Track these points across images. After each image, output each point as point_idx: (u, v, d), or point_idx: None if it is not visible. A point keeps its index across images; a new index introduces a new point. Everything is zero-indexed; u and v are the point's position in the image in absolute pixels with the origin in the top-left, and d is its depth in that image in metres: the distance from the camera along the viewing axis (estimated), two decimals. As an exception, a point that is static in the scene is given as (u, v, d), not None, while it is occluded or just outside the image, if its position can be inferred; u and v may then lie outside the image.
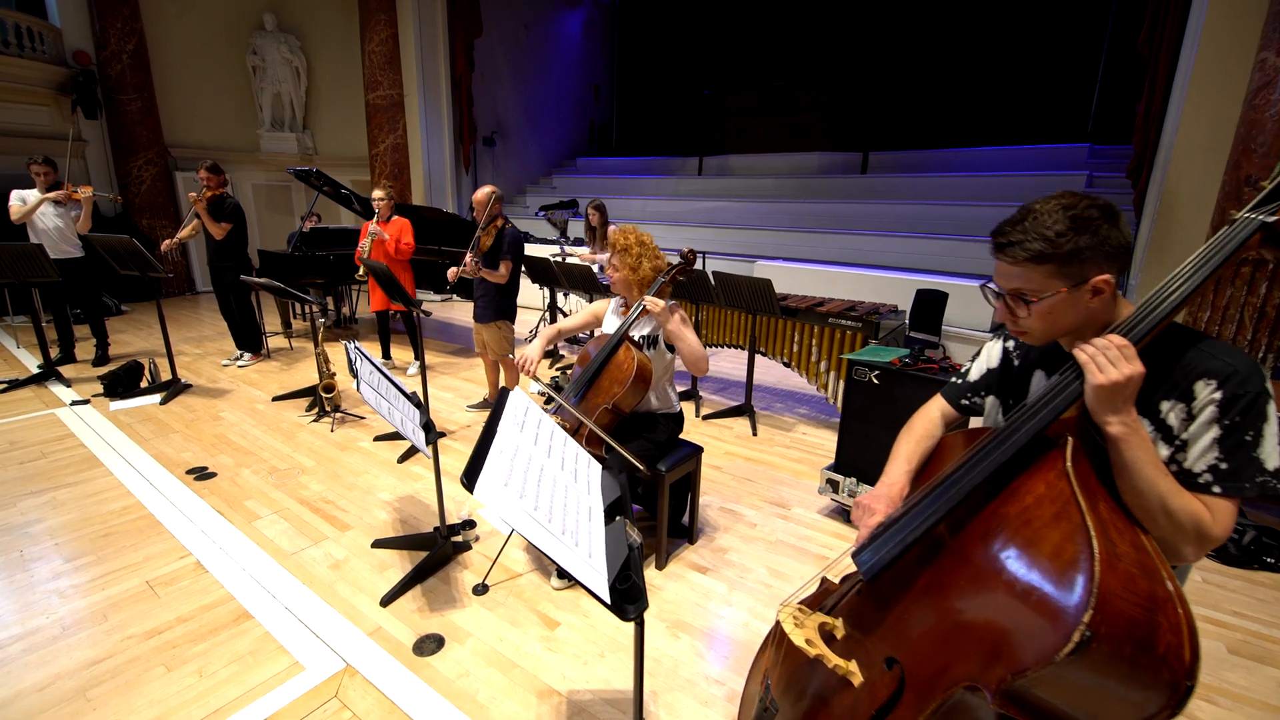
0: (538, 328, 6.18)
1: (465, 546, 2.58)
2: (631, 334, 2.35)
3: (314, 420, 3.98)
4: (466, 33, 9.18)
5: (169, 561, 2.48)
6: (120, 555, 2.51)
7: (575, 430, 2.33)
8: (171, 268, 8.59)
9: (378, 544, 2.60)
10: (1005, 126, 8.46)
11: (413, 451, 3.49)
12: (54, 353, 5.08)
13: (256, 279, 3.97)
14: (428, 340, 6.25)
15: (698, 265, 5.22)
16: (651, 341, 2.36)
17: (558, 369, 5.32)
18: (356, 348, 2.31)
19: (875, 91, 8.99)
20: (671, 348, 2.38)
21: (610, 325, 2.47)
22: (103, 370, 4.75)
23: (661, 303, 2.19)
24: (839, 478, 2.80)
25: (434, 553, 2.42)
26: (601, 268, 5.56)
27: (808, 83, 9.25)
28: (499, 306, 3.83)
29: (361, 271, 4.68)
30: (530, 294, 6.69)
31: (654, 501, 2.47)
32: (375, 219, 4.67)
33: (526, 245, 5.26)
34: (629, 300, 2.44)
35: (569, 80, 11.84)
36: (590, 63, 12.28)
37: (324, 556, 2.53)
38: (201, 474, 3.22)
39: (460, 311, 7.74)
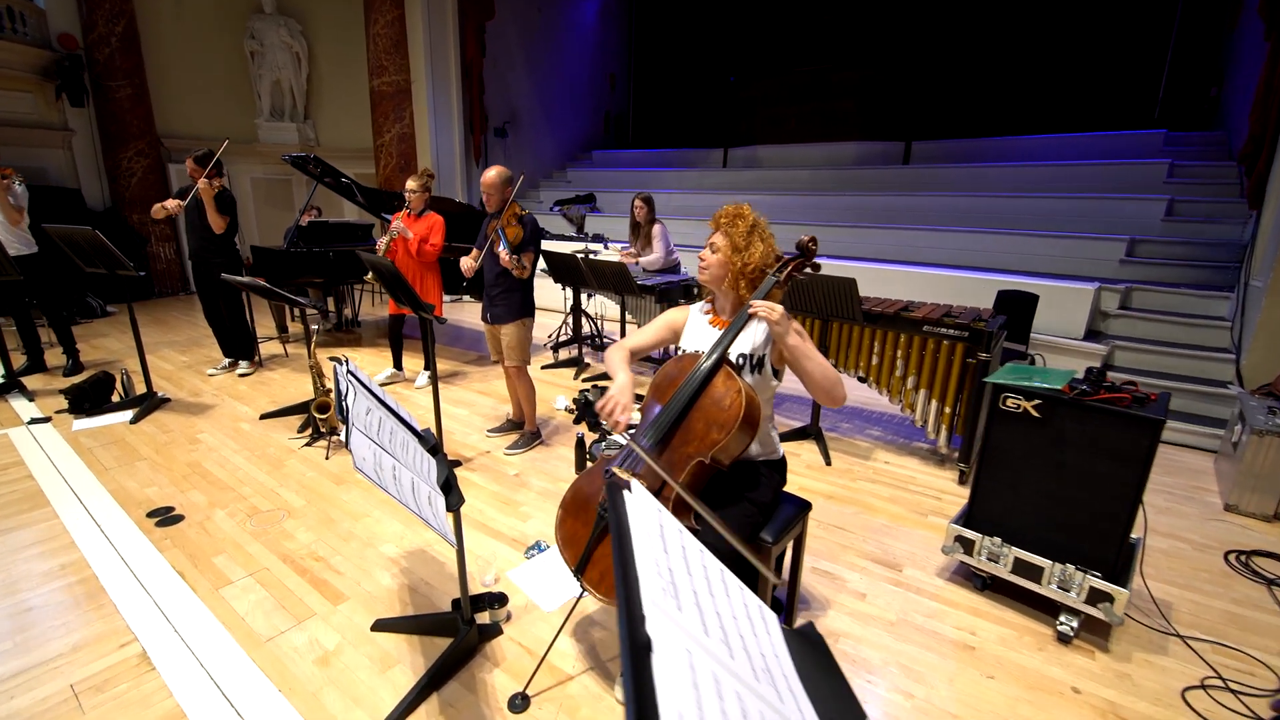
0: (557, 335, 5.57)
1: (495, 631, 1.97)
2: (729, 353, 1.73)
3: (306, 444, 3.39)
4: (478, 14, 8.57)
5: (106, 651, 1.87)
6: (44, 643, 1.91)
7: (657, 493, 1.71)
8: (164, 264, 8.05)
9: (380, 625, 1.99)
10: (1062, 112, 7.78)
11: (423, 487, 2.88)
12: (20, 361, 4.52)
13: (240, 278, 3.38)
14: (435, 346, 5.64)
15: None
16: (755, 364, 1.74)
17: (585, 380, 4.70)
18: (350, 373, 1.68)
19: (917, 76, 8.32)
20: (777, 371, 1.76)
21: (697, 340, 1.85)
22: (73, 381, 4.17)
23: (779, 308, 1.58)
24: (974, 536, 2.17)
25: (455, 645, 1.81)
26: (645, 269, 4.99)
27: (843, 67, 8.59)
28: (522, 303, 3.22)
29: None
30: (550, 295, 6.08)
31: (745, 577, 1.84)
32: (406, 212, 4.08)
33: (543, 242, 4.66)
34: (723, 305, 1.82)
35: (583, 68, 11.22)
36: (605, 50, 11.65)
37: (309, 645, 1.92)
38: (166, 517, 2.62)
39: (469, 314, 7.13)
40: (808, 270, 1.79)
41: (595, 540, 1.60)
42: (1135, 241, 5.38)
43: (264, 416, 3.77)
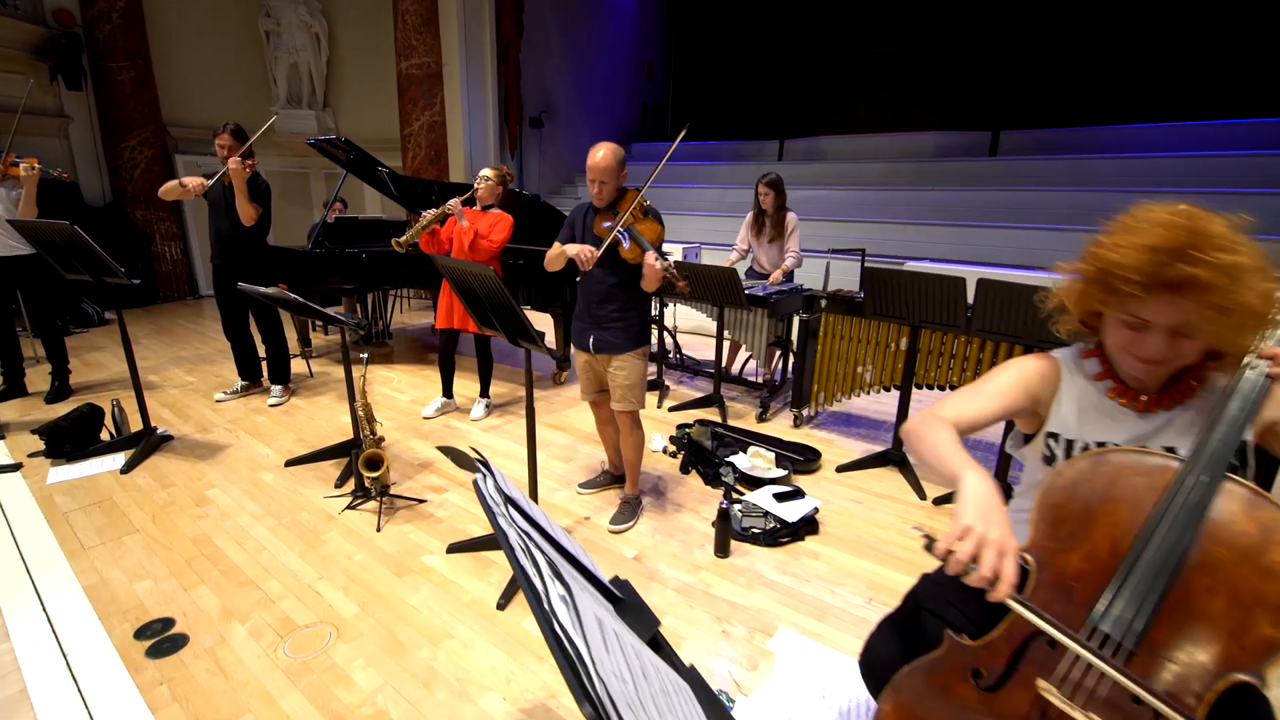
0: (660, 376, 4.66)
1: None
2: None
3: (349, 506, 2.58)
4: (515, -9, 7.79)
5: None
6: None
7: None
8: (170, 265, 7.30)
9: None
10: (1170, 99, 6.92)
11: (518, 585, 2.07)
12: (-7, 385, 3.75)
13: (263, 289, 2.59)
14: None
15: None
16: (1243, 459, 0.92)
17: (672, 409, 3.86)
18: (525, 517, 0.85)
19: (1005, 59, 7.47)
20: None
21: (1085, 421, 1.03)
22: (53, 414, 3.40)
23: None
24: None
25: None
26: (758, 272, 4.10)
27: (920, 49, 7.75)
28: (642, 327, 2.41)
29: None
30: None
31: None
32: (469, 204, 3.31)
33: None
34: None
35: (621, 56, 10.41)
36: (643, 37, 10.85)
37: None
38: (161, 638, 1.82)
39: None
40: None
41: None
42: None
43: (291, 463, 2.97)
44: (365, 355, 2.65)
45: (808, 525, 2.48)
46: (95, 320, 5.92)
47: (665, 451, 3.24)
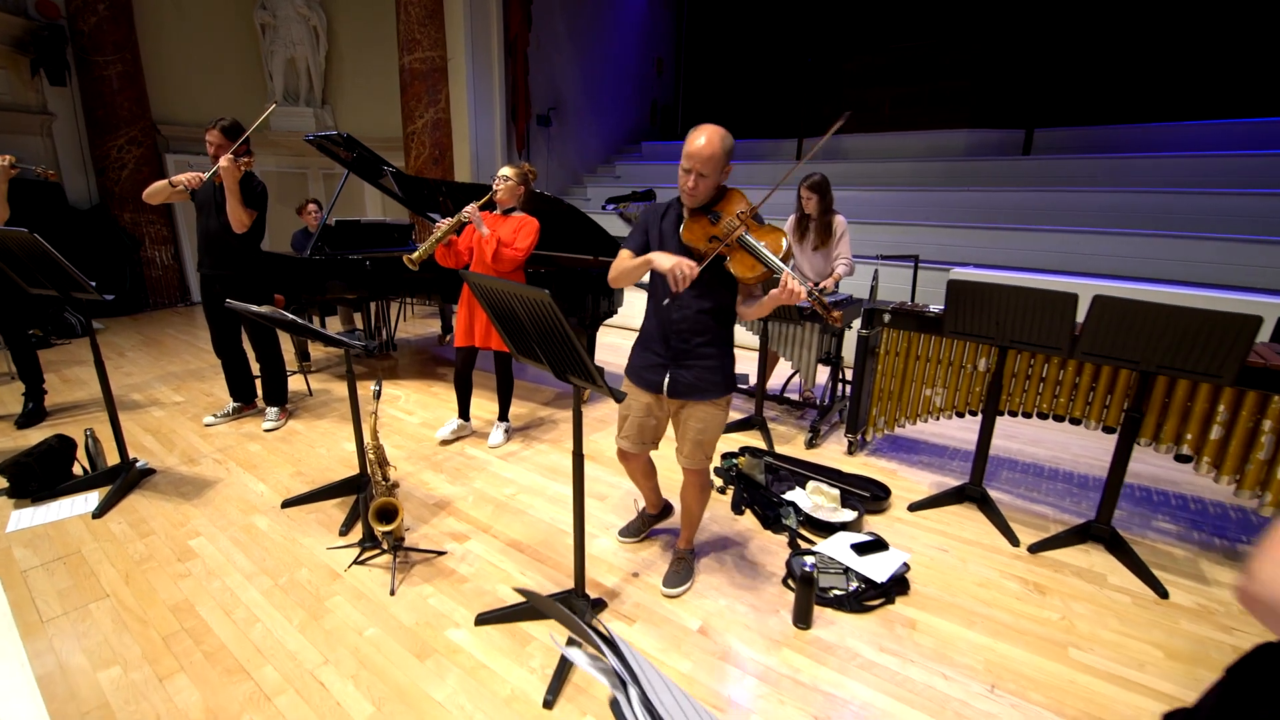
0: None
1: None
2: None
3: (356, 560, 2.21)
4: (523, -18, 7.43)
5: None
6: None
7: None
8: (161, 271, 6.90)
9: None
10: (1216, 94, 6.58)
11: (567, 671, 1.70)
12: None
13: (254, 308, 2.21)
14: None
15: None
16: None
17: (729, 448, 3.50)
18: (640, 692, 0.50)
19: (1040, 54, 7.12)
20: None
21: None
22: (27, 438, 3.02)
23: None
24: None
25: None
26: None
27: (950, 43, 7.39)
28: (731, 368, 1.98)
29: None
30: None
31: None
32: (487, 208, 2.95)
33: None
34: None
35: (631, 51, 10.04)
36: (653, 31, 10.48)
37: None
38: (127, 753, 1.45)
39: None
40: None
41: None
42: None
43: (289, 503, 2.60)
44: (379, 388, 2.27)
45: (898, 584, 2.12)
46: (79, 330, 5.53)
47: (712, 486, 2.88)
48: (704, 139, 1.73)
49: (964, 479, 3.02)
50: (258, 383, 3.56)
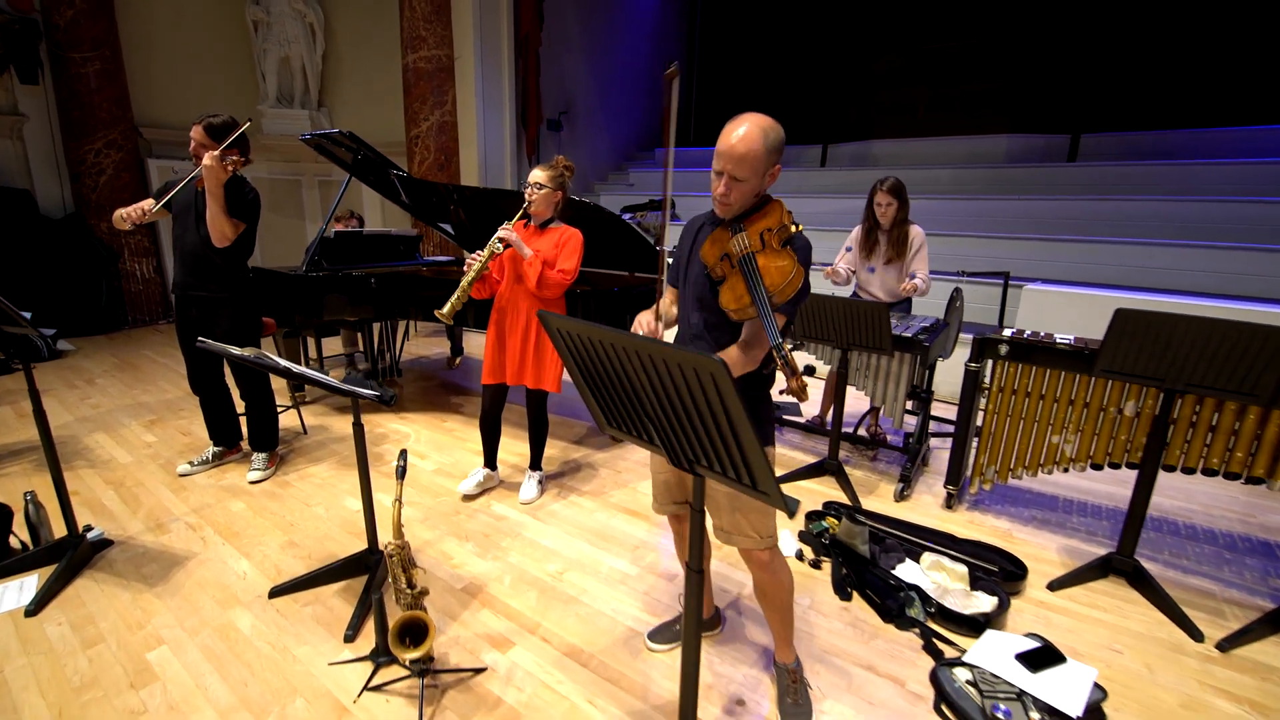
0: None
1: None
2: None
3: (368, 686, 1.67)
4: (535, -23, 6.97)
5: None
6: None
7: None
8: (141, 285, 6.34)
9: None
10: (1274, 97, 6.17)
11: None
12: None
13: (236, 350, 1.69)
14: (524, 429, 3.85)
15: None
16: None
17: (785, 480, 2.98)
18: None
19: (1086, 55, 6.71)
20: None
21: None
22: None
23: None
24: None
25: None
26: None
27: (989, 43, 6.97)
28: (767, 415, 1.53)
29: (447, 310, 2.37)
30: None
31: None
32: (521, 220, 2.42)
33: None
34: None
35: (643, 53, 9.61)
36: (665, 32, 10.06)
37: None
38: None
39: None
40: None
41: None
42: None
43: (277, 592, 2.05)
44: (403, 463, 1.74)
45: (1092, 715, 1.61)
46: (44, 353, 4.97)
47: (800, 557, 2.35)
48: (743, 130, 1.32)
49: (1090, 539, 2.54)
50: (242, 421, 3.01)
